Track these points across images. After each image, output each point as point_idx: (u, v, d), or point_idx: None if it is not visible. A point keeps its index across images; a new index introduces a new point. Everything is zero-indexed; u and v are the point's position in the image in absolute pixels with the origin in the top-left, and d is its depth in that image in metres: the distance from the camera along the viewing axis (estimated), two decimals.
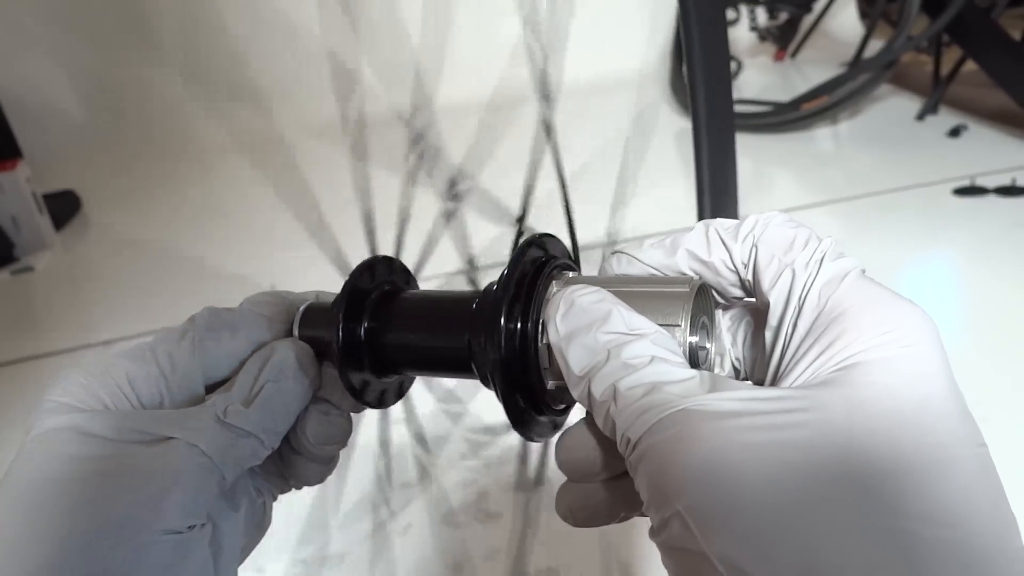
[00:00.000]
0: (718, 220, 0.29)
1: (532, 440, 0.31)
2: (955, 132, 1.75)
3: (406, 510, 0.82)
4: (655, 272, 0.30)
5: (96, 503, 0.26)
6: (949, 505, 0.20)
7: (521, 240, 0.31)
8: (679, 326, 0.27)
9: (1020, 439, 0.82)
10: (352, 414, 0.36)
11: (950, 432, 0.22)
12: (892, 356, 0.23)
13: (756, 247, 0.27)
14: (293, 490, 0.36)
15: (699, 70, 0.82)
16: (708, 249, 0.29)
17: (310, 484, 0.35)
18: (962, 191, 1.45)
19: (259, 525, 0.34)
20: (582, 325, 0.26)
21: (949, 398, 0.23)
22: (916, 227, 1.38)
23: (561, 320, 0.27)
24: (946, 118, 1.85)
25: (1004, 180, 1.45)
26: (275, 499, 0.35)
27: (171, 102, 2.23)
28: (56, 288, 1.54)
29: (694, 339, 0.27)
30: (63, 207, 1.81)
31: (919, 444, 0.21)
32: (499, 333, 0.29)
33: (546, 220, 0.34)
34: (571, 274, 0.31)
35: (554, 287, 0.30)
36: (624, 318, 0.26)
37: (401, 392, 0.37)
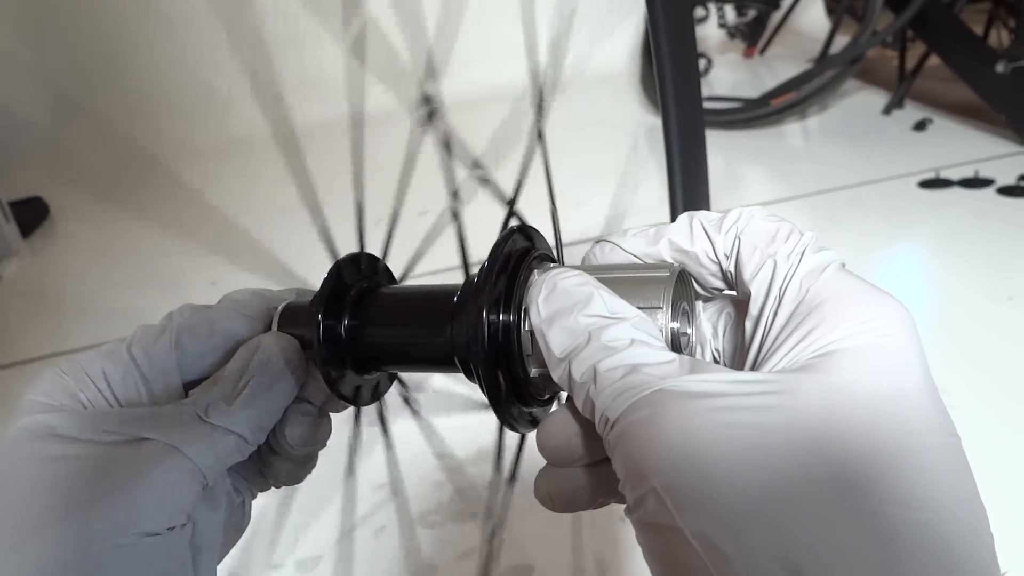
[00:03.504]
0: (702, 212, 0.30)
1: (516, 431, 0.31)
2: (921, 126, 1.77)
3: (380, 511, 0.82)
4: (637, 260, 0.30)
5: (72, 505, 0.26)
6: (920, 490, 0.21)
7: (506, 228, 0.31)
8: (660, 308, 0.27)
9: (986, 428, 0.84)
10: (332, 414, 0.35)
11: (924, 421, 0.22)
12: (869, 345, 0.23)
13: (739, 239, 0.28)
14: (268, 492, 0.36)
15: (668, 71, 0.82)
16: (691, 239, 0.29)
17: (289, 484, 0.35)
18: (928, 184, 1.47)
19: (238, 524, 0.34)
20: (564, 307, 0.26)
21: (924, 388, 0.23)
22: (883, 220, 1.39)
23: (543, 302, 0.27)
24: (912, 112, 1.87)
25: (968, 172, 1.47)
26: (254, 497, 0.35)
27: (138, 108, 2.21)
28: (24, 296, 1.52)
29: (675, 324, 0.28)
30: (30, 214, 1.79)
31: (893, 430, 0.22)
32: (481, 322, 0.28)
33: (530, 216, 0.34)
34: (552, 265, 0.31)
35: (536, 275, 0.30)
36: (606, 301, 0.26)
37: (383, 388, 0.36)
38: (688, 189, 0.90)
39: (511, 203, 0.34)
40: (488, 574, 0.51)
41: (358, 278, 0.34)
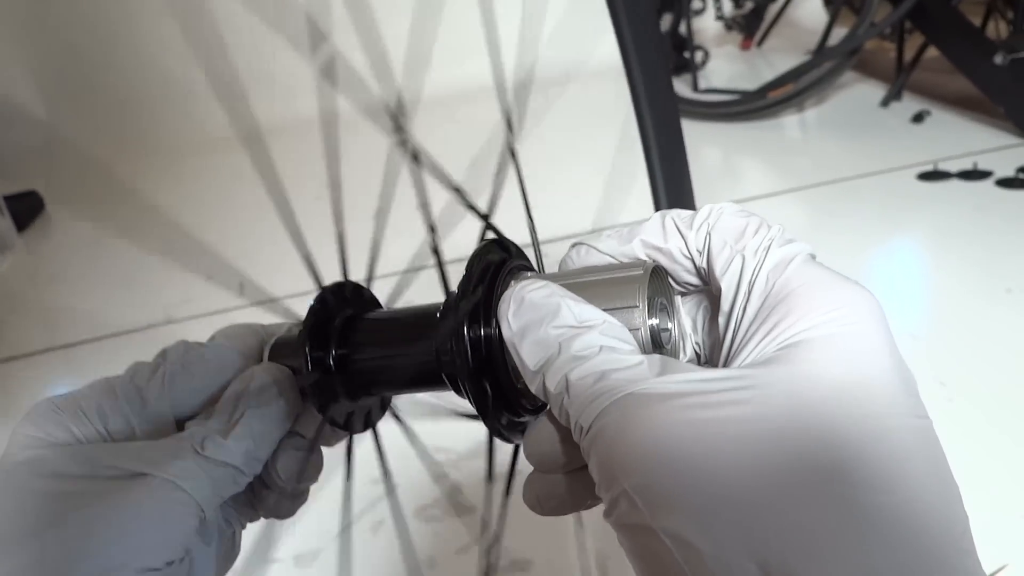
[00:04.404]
0: (674, 210, 0.30)
1: (507, 441, 0.31)
2: (919, 118, 1.77)
3: (378, 506, 0.81)
4: (613, 260, 0.30)
5: (69, 543, 0.26)
6: (888, 473, 0.21)
7: (482, 242, 0.31)
8: (637, 307, 0.27)
9: (985, 420, 0.84)
10: (323, 448, 0.36)
11: (889, 406, 0.23)
12: (834, 334, 0.24)
13: (710, 235, 0.28)
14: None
15: (636, 71, 0.82)
16: (664, 237, 0.29)
17: (279, 517, 0.35)
18: (926, 176, 1.47)
19: (228, 556, 0.34)
20: (533, 320, 0.27)
21: (891, 373, 0.23)
22: (882, 212, 1.39)
23: (513, 317, 0.27)
24: (910, 104, 1.87)
25: (966, 164, 1.47)
26: (243, 528, 0.35)
27: (134, 100, 2.20)
28: (19, 290, 1.52)
29: (654, 321, 0.28)
30: (25, 208, 1.78)
31: (859, 416, 0.22)
32: (463, 338, 0.29)
33: (510, 219, 0.34)
34: (529, 274, 0.32)
35: (511, 286, 0.30)
36: (573, 311, 0.26)
37: (375, 417, 0.37)
38: (672, 188, 0.90)
39: (486, 217, 0.34)
40: None
41: (343, 306, 0.34)
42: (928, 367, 0.92)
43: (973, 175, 1.44)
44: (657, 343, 0.28)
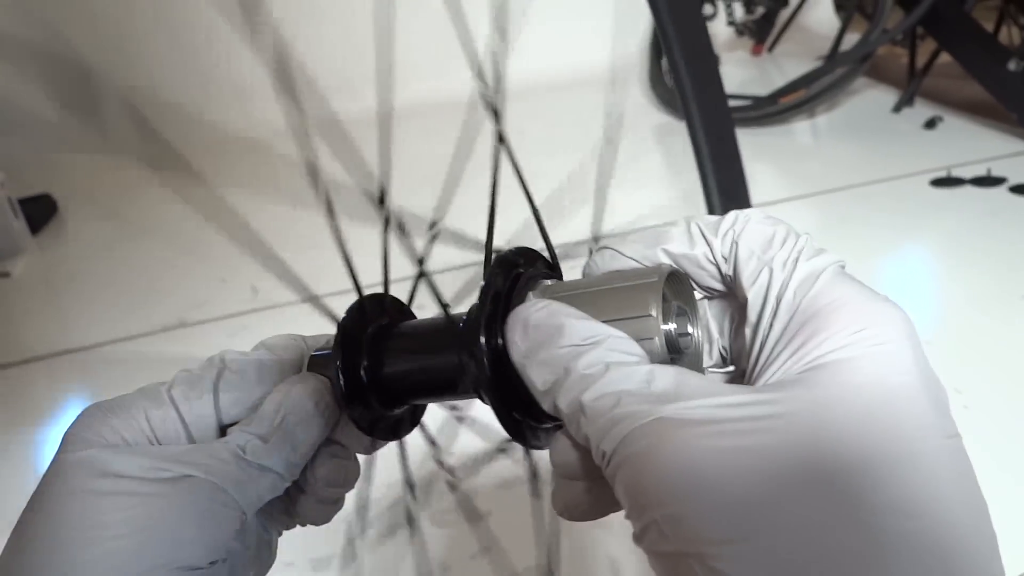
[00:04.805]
0: (700, 216, 0.30)
1: (535, 448, 0.31)
2: (931, 124, 1.76)
3: (393, 510, 0.81)
4: (638, 265, 0.30)
5: (117, 539, 0.27)
6: (914, 497, 0.21)
7: (494, 256, 0.31)
8: (651, 316, 0.27)
9: (1001, 427, 0.83)
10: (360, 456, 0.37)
11: (917, 427, 0.22)
12: (861, 355, 0.24)
13: (736, 243, 0.28)
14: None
15: (685, 73, 0.81)
16: (690, 243, 0.29)
17: (315, 523, 0.36)
18: (939, 182, 1.46)
19: (265, 562, 0.35)
20: (538, 342, 0.27)
21: (919, 392, 0.23)
22: (894, 218, 1.39)
23: (519, 339, 0.27)
24: (922, 110, 1.87)
25: (980, 170, 1.46)
26: (280, 535, 0.37)
27: (149, 104, 2.21)
28: (32, 293, 1.52)
29: (670, 327, 0.28)
30: (39, 211, 1.79)
31: (883, 440, 0.22)
32: (479, 350, 0.29)
33: (531, 231, 0.34)
34: (548, 282, 0.32)
35: (530, 297, 0.30)
36: (577, 328, 0.26)
37: (414, 421, 0.38)
38: (725, 198, 0.88)
39: (488, 243, 0.34)
40: None
41: (378, 317, 0.35)
42: (943, 374, 0.90)
43: (986, 181, 1.43)
44: (676, 349, 0.28)
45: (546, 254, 0.34)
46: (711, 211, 0.86)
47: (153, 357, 1.21)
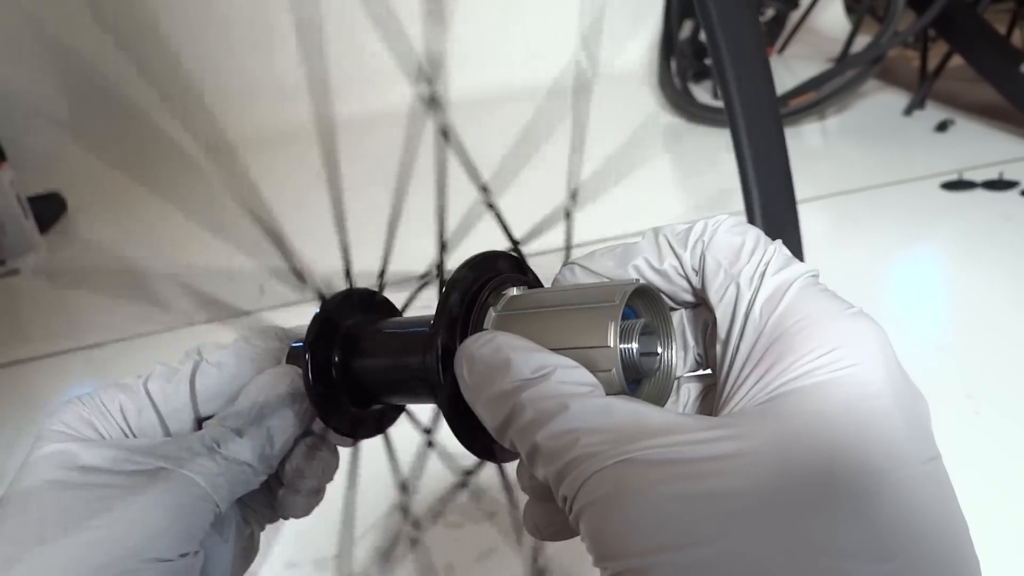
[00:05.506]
0: (668, 226, 0.29)
1: (492, 460, 0.31)
2: (942, 127, 1.75)
3: (398, 511, 0.81)
4: (605, 281, 0.29)
5: (87, 531, 0.27)
6: (886, 536, 0.20)
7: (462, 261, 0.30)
8: (608, 346, 0.26)
9: (1011, 433, 0.82)
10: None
11: (889, 456, 0.21)
12: (828, 380, 0.23)
13: (704, 255, 0.27)
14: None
15: (729, 76, 0.76)
16: (659, 257, 0.28)
17: (296, 516, 0.36)
18: (950, 185, 1.45)
19: (246, 555, 0.35)
20: (485, 378, 0.26)
21: (892, 416, 0.22)
22: (905, 221, 1.38)
23: (468, 376, 0.27)
24: (933, 113, 1.85)
25: (992, 174, 1.45)
26: (262, 529, 0.36)
27: (159, 102, 2.21)
28: (42, 291, 1.53)
29: (631, 346, 0.26)
30: (48, 209, 1.79)
31: (852, 475, 0.21)
32: (432, 357, 0.28)
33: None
34: (515, 290, 0.30)
35: (491, 314, 0.29)
36: (525, 362, 0.25)
37: (386, 423, 0.37)
38: (773, 224, 0.84)
39: (441, 249, 0.34)
40: None
41: (351, 312, 0.34)
42: (955, 379, 0.90)
43: (998, 185, 1.42)
44: (639, 371, 0.27)
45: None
46: (750, 218, 0.84)
47: (161, 356, 1.21)
